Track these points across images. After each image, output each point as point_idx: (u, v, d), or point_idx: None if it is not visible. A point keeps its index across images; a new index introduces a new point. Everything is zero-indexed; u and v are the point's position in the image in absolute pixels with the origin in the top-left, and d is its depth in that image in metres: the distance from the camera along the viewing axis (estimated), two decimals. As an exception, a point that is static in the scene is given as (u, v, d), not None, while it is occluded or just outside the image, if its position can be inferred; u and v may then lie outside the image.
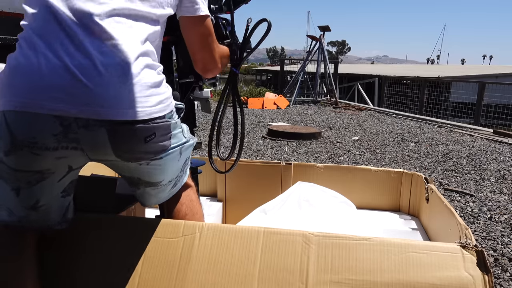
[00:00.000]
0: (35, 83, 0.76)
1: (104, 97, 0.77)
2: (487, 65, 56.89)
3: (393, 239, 1.03)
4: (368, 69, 21.93)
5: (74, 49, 0.77)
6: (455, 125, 6.26)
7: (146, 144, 0.86)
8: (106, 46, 0.78)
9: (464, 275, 0.96)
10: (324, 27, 9.20)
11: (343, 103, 8.82)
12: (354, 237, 1.03)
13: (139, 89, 0.81)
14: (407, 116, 7.25)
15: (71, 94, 0.76)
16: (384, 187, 1.88)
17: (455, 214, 1.29)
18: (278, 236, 1.04)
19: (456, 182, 3.09)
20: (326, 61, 9.15)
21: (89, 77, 0.76)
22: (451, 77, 12.65)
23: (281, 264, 1.00)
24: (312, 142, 4.46)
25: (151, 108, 0.84)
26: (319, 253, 1.02)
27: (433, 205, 1.61)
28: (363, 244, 1.02)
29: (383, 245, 1.02)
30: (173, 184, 1.04)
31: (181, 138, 0.99)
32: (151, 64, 0.86)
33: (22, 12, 0.88)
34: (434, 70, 18.20)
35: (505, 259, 1.84)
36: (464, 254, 0.99)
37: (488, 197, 2.73)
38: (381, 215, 1.84)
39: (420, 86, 9.47)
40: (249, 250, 1.02)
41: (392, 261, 1.00)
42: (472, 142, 4.84)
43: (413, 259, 0.99)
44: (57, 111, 0.75)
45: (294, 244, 1.02)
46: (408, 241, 1.04)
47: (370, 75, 14.02)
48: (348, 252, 1.02)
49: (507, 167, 3.61)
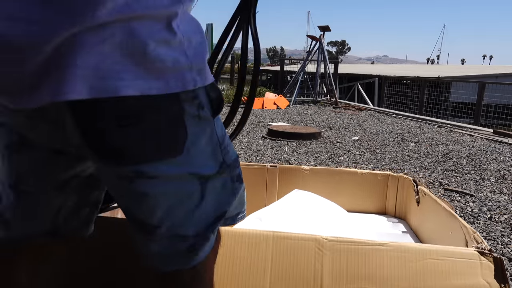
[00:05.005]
0: None
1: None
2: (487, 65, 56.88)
3: (409, 244, 1.00)
4: (368, 69, 21.92)
5: None
6: (455, 125, 6.26)
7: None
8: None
9: (482, 283, 0.93)
10: (324, 27, 9.20)
11: (343, 103, 8.82)
12: (369, 242, 0.98)
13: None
14: (407, 116, 7.25)
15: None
16: (370, 190, 1.85)
17: (458, 217, 1.25)
18: (288, 241, 0.97)
19: (456, 182, 3.09)
20: (326, 61, 9.15)
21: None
22: (451, 77, 12.65)
23: (294, 274, 0.93)
24: (312, 142, 4.46)
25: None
26: (334, 260, 0.96)
27: (425, 208, 1.58)
28: (378, 250, 0.97)
29: (400, 251, 0.97)
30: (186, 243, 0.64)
31: (206, 161, 0.62)
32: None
33: None
34: (434, 70, 18.21)
35: (505, 259, 1.84)
36: (481, 261, 0.96)
37: (488, 197, 2.73)
38: (369, 218, 1.82)
39: (420, 86, 9.47)
40: (258, 258, 0.94)
41: (410, 268, 0.95)
42: (472, 142, 4.84)
43: (430, 266, 0.95)
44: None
45: (306, 250, 0.96)
46: (424, 246, 1.01)
47: (370, 75, 14.01)
48: (364, 258, 0.96)
49: (507, 167, 3.61)
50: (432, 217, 1.50)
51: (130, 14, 0.49)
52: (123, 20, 0.49)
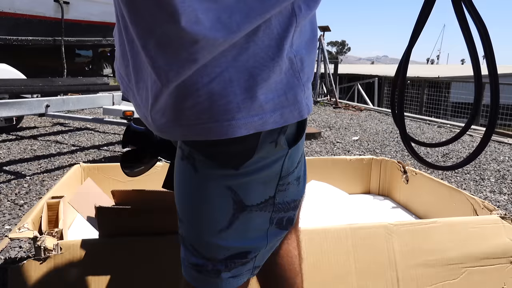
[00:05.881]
0: None
1: None
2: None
3: (454, 219, 1.22)
4: (368, 69, 21.92)
5: None
6: (455, 125, 6.26)
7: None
8: None
9: (507, 241, 1.17)
10: (324, 27, 9.19)
11: (343, 103, 8.82)
12: (424, 222, 1.18)
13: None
14: (407, 116, 7.25)
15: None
16: (356, 173, 2.10)
17: (461, 190, 1.49)
18: (363, 231, 1.12)
19: (456, 182, 3.09)
20: (326, 61, 9.15)
21: None
22: (451, 77, 12.65)
23: (372, 257, 1.09)
24: (312, 142, 4.46)
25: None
26: (401, 241, 1.13)
27: (417, 185, 1.86)
28: (433, 227, 1.16)
29: (447, 225, 1.18)
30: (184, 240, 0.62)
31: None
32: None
33: (22, 12, 0.87)
34: (434, 70, 18.21)
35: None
36: (504, 224, 1.20)
37: (488, 197, 2.73)
38: (357, 198, 2.05)
39: (420, 86, 9.47)
40: (340, 249, 1.10)
41: (456, 238, 1.16)
42: (472, 142, 4.84)
43: (471, 234, 1.17)
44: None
45: (378, 236, 1.12)
46: (462, 219, 1.23)
47: (370, 75, 14.01)
48: (423, 236, 1.14)
49: (506, 167, 3.61)
50: (426, 193, 1.76)
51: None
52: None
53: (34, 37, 4.88)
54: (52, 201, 1.28)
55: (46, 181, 2.67)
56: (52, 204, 1.28)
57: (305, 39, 0.55)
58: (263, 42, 0.48)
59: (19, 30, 4.65)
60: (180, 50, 0.45)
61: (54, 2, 4.94)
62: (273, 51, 0.49)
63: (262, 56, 0.49)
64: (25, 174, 2.81)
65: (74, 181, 1.63)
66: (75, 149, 3.64)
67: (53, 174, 2.84)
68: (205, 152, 0.55)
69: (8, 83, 3.08)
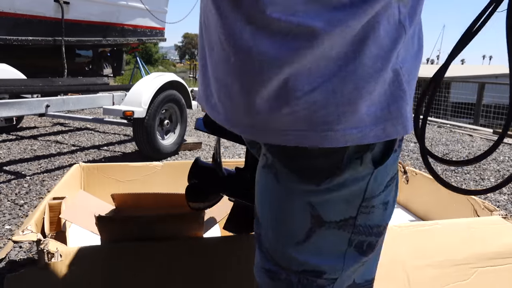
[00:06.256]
0: None
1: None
2: (486, 65, 57.00)
3: (455, 220, 1.24)
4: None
5: None
6: (454, 125, 6.26)
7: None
8: None
9: (508, 241, 1.18)
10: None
11: (343, 103, 8.81)
12: (427, 223, 1.19)
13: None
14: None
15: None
16: None
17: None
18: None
19: (456, 182, 3.09)
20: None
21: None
22: (451, 77, 12.65)
23: (381, 259, 1.03)
24: (312, 142, 4.47)
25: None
26: (408, 243, 1.14)
27: (417, 185, 1.87)
28: (436, 229, 1.17)
29: (451, 226, 1.19)
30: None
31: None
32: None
33: (22, 12, 0.87)
34: (434, 70, 18.16)
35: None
36: (505, 224, 1.21)
37: (488, 197, 2.73)
38: None
39: (420, 86, 9.47)
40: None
41: (461, 237, 1.17)
42: (471, 142, 4.84)
43: (473, 235, 1.18)
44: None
45: (387, 238, 1.10)
46: (464, 220, 1.24)
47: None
48: (428, 237, 1.16)
49: (506, 167, 3.61)
50: (427, 193, 1.76)
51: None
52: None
53: (34, 37, 4.88)
54: (53, 202, 1.28)
55: (46, 181, 2.67)
56: (54, 205, 1.28)
57: (412, 51, 0.53)
58: (371, 52, 0.46)
59: (19, 30, 4.65)
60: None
61: (54, 2, 4.94)
62: (381, 62, 0.47)
63: (369, 66, 0.47)
64: (25, 174, 2.81)
65: (74, 181, 1.63)
66: (75, 149, 3.64)
67: (53, 174, 2.84)
68: (288, 164, 0.54)
69: (8, 83, 3.07)
